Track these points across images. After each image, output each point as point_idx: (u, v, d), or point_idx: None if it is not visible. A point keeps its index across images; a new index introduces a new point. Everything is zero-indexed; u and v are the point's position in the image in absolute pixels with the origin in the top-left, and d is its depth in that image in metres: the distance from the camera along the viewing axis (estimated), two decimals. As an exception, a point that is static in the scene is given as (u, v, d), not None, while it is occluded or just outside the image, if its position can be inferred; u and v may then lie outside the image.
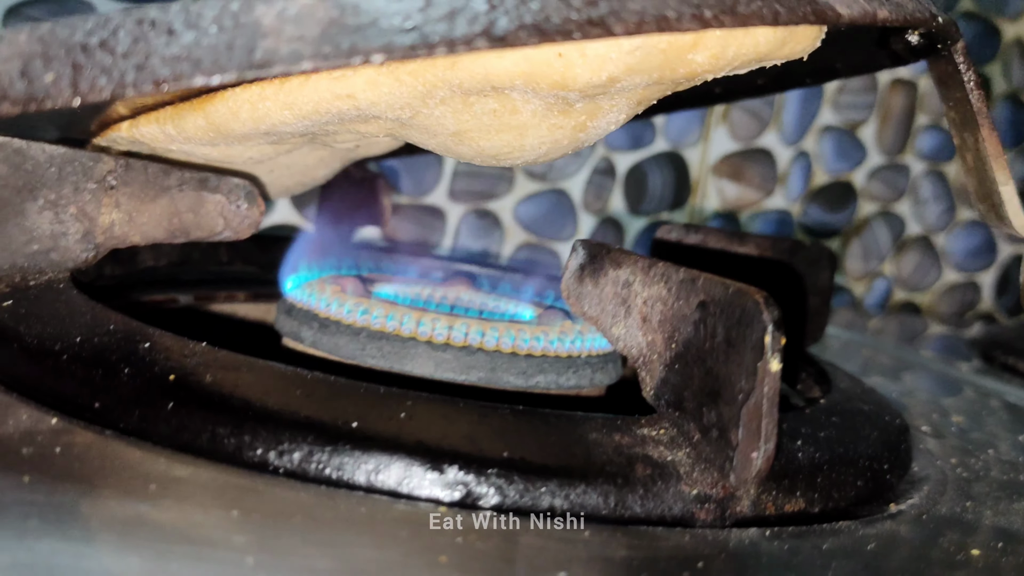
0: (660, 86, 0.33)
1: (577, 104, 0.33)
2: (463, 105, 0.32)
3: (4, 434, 0.26)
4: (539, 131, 0.34)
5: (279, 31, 0.26)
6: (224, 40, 0.26)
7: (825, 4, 0.30)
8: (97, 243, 0.36)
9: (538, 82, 0.30)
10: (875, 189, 0.87)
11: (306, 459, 0.27)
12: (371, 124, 0.34)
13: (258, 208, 0.37)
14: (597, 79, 0.30)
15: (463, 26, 0.26)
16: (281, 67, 0.26)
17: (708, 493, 0.28)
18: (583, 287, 0.34)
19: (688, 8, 0.27)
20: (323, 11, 0.26)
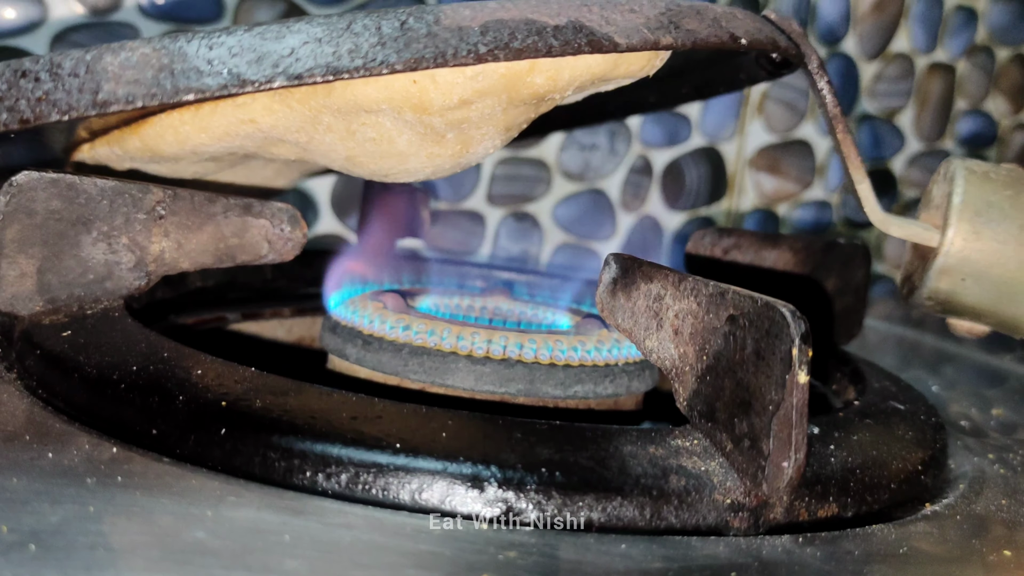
0: (518, 109, 0.36)
1: (448, 135, 0.36)
2: (347, 134, 0.36)
3: (69, 464, 0.27)
4: (419, 158, 0.38)
5: (120, 76, 0.32)
6: (76, 84, 0.32)
7: (602, 35, 0.33)
8: (149, 271, 0.38)
9: (400, 105, 0.35)
10: (915, 176, 0.86)
11: (353, 480, 0.28)
12: (280, 147, 0.39)
13: (301, 231, 0.39)
14: (450, 101, 0.34)
15: (267, 69, 0.32)
16: (118, 106, 0.32)
17: (741, 502, 0.29)
18: (616, 300, 0.35)
19: (465, 45, 0.32)
20: (156, 59, 0.32)
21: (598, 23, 0.33)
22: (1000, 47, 0.86)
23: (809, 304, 0.48)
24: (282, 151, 0.39)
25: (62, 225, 0.36)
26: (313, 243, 0.66)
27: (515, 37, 0.32)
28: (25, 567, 0.21)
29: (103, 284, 0.37)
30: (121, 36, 0.63)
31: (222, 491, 0.27)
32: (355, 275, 0.44)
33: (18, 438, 0.29)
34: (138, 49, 0.32)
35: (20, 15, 0.61)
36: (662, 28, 0.34)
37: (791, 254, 0.48)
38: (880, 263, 0.87)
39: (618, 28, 0.33)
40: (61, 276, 0.36)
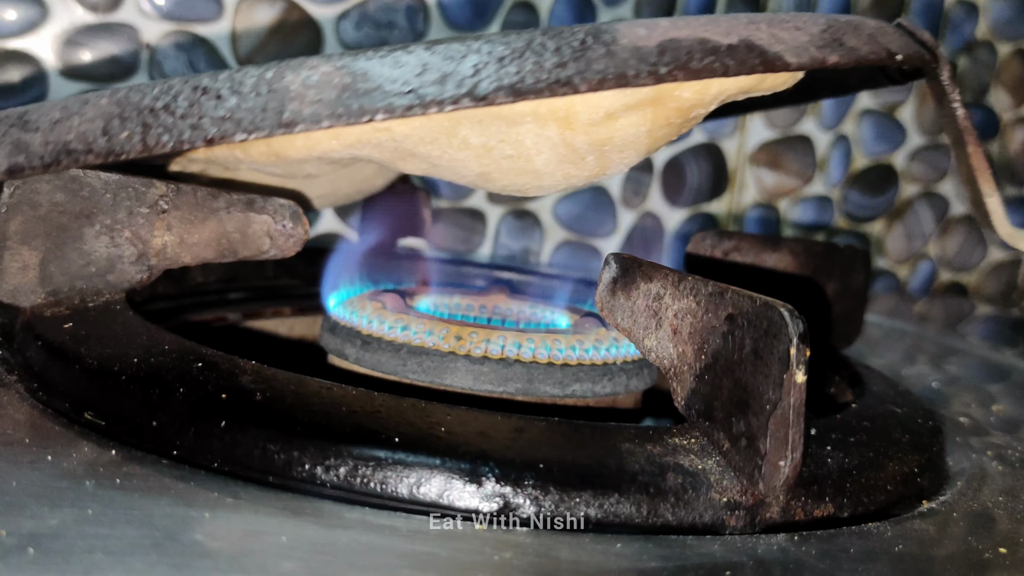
0: (662, 131, 0.36)
1: (588, 157, 0.36)
2: (483, 151, 0.35)
3: (68, 467, 0.27)
4: (554, 177, 0.37)
5: (303, 96, 0.31)
6: (260, 103, 0.31)
7: (774, 55, 0.32)
8: (151, 264, 0.38)
9: (544, 117, 0.34)
10: (916, 170, 0.86)
11: (351, 474, 0.28)
12: (409, 162, 0.37)
13: (303, 227, 0.39)
14: (596, 115, 0.34)
15: (451, 89, 0.31)
16: (304, 126, 0.31)
17: (738, 500, 0.29)
18: (616, 300, 0.35)
19: (646, 66, 0.31)
20: (338, 78, 0.31)
21: (768, 42, 0.33)
22: (1001, 42, 0.86)
23: (808, 306, 0.48)
24: (410, 165, 0.38)
25: (65, 218, 0.36)
26: (315, 241, 0.66)
27: (692, 57, 0.32)
28: (24, 571, 0.22)
29: (105, 277, 0.37)
30: (121, 35, 0.63)
31: (220, 492, 0.27)
32: (355, 274, 0.44)
33: (17, 441, 0.29)
34: (318, 68, 0.31)
35: (21, 16, 0.61)
36: (827, 46, 0.34)
37: (791, 257, 0.48)
38: (883, 259, 0.87)
39: (787, 47, 0.33)
40: (63, 268, 0.36)
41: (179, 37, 0.64)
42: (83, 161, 0.32)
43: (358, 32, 0.68)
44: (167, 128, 0.32)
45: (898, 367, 0.57)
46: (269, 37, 0.66)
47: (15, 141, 0.33)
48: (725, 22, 0.33)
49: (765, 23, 0.33)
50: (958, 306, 0.85)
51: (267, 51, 0.66)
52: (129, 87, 0.33)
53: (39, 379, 0.34)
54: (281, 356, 0.52)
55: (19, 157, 0.33)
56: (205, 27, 0.65)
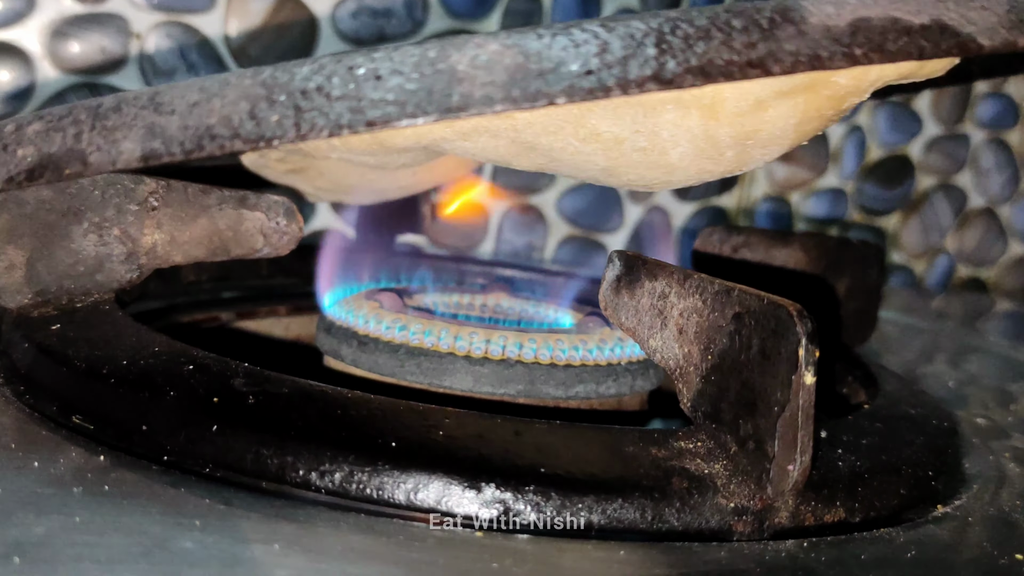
0: (811, 124, 0.34)
1: (728, 153, 0.34)
2: (614, 143, 0.34)
3: (55, 473, 0.27)
4: (687, 172, 0.35)
5: (472, 77, 0.29)
6: (425, 85, 0.29)
7: (967, 37, 0.31)
8: (140, 263, 0.38)
9: (687, 106, 0.32)
10: (933, 161, 0.86)
11: (347, 479, 0.28)
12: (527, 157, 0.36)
13: (297, 224, 0.39)
14: (744, 103, 0.33)
15: (635, 70, 0.28)
16: (476, 109, 0.29)
17: (745, 505, 0.29)
18: (620, 298, 0.35)
19: (839, 48, 0.29)
20: (510, 58, 0.29)
21: (959, 22, 0.31)
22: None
23: (820, 304, 0.48)
24: (524, 161, 0.36)
25: (53, 215, 0.36)
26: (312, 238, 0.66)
27: (887, 38, 0.30)
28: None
29: (94, 276, 0.37)
30: (111, 26, 0.63)
31: (211, 499, 0.27)
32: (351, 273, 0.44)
33: (3, 447, 0.29)
34: (486, 46, 0.29)
35: (6, 7, 0.61)
36: (1015, 28, 0.32)
37: (802, 253, 0.48)
38: (898, 253, 0.87)
39: (978, 28, 0.32)
40: (51, 268, 0.36)
41: (170, 28, 0.64)
42: (228, 148, 0.30)
43: (355, 21, 0.68)
44: (322, 112, 0.29)
45: (914, 366, 0.57)
46: (263, 27, 0.66)
47: (149, 125, 0.31)
48: (915, 1, 0.31)
49: (953, 1, 0.32)
50: (977, 302, 0.85)
51: (261, 41, 0.66)
52: (274, 67, 0.30)
53: (26, 382, 0.34)
54: (276, 357, 0.53)
55: (155, 143, 0.30)
56: (197, 17, 0.65)
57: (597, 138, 0.34)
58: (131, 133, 0.31)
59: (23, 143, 0.32)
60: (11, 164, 0.32)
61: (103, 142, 0.31)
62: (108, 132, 0.31)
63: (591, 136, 0.34)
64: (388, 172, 0.44)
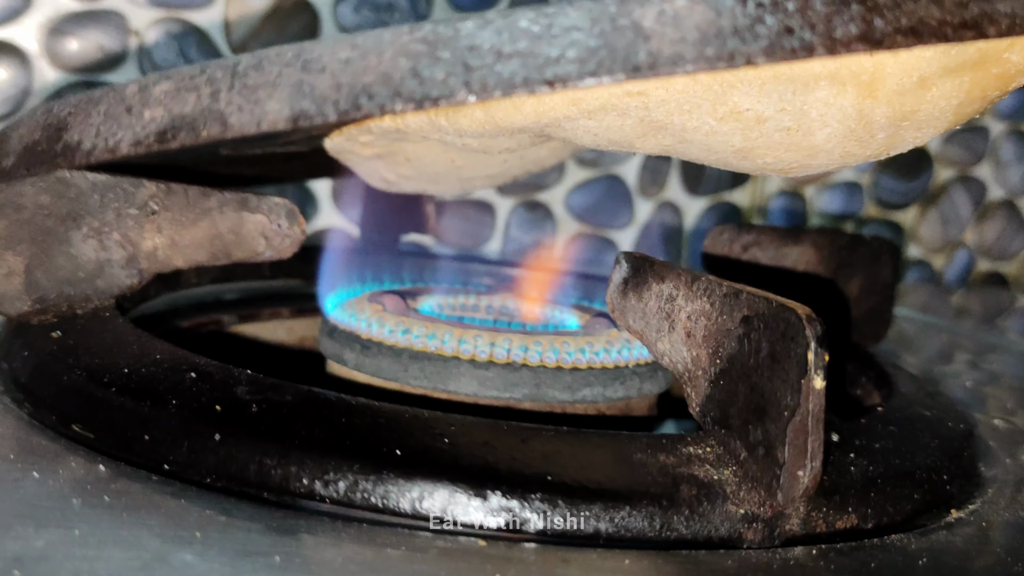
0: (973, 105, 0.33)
1: (879, 135, 0.33)
2: (755, 122, 0.32)
3: (55, 485, 0.28)
4: (831, 156, 0.34)
5: (660, 34, 0.27)
6: (606, 42, 0.27)
7: None
8: (141, 268, 0.38)
9: (843, 81, 0.31)
10: (952, 153, 0.86)
11: (351, 488, 0.28)
12: (653, 138, 0.34)
13: (299, 226, 0.39)
14: (907, 80, 0.31)
15: (840, 28, 0.27)
16: (665, 69, 0.27)
17: (756, 512, 0.30)
18: (627, 301, 0.35)
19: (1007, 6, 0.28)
20: (700, 13, 0.27)
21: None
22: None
23: (832, 303, 0.48)
24: (651, 143, 0.34)
25: (51, 221, 0.37)
26: (315, 239, 0.67)
27: None
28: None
29: (94, 282, 0.38)
30: (109, 23, 0.63)
31: (212, 509, 0.27)
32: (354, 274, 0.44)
33: (2, 458, 0.29)
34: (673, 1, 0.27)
35: (2, 4, 0.61)
36: None
37: (814, 251, 0.48)
38: (916, 247, 0.87)
39: None
40: (50, 274, 0.37)
41: (169, 24, 0.65)
42: (388, 108, 0.28)
43: (357, 15, 0.68)
44: (493, 70, 0.27)
45: (932, 365, 0.57)
46: (264, 23, 0.66)
47: (296, 83, 0.29)
48: None
49: None
50: (997, 298, 0.84)
51: (262, 37, 0.66)
52: (433, 23, 0.28)
53: (25, 391, 0.34)
54: (280, 359, 0.53)
55: (304, 102, 0.29)
56: (196, 13, 0.65)
57: (738, 117, 0.32)
58: (276, 92, 0.29)
59: (150, 104, 0.31)
60: (137, 127, 0.31)
61: (244, 102, 0.30)
62: (249, 91, 0.30)
63: (731, 114, 0.32)
64: (479, 159, 0.42)
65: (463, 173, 0.44)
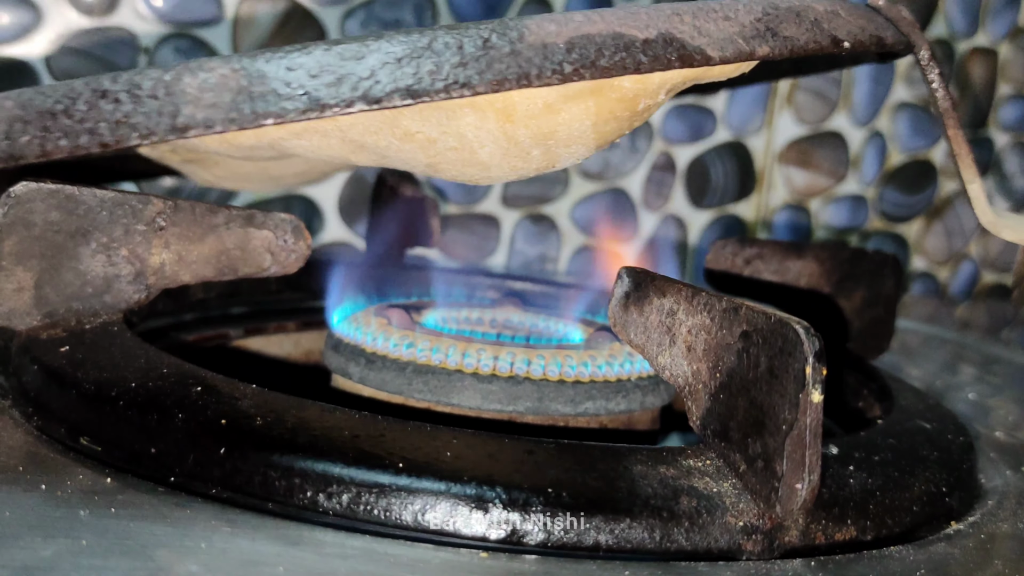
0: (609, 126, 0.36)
1: (533, 151, 0.36)
2: (427, 142, 0.36)
3: (63, 496, 0.28)
4: (502, 168, 0.38)
5: (199, 99, 0.32)
6: (156, 107, 0.32)
7: (694, 49, 0.33)
8: (148, 284, 0.39)
9: (483, 109, 0.35)
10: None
11: (355, 501, 0.29)
12: (361, 154, 0.38)
13: (304, 242, 0.40)
14: (534, 106, 0.35)
15: (346, 91, 0.32)
16: (197, 131, 0.32)
17: (755, 524, 0.30)
18: (628, 315, 0.35)
19: (550, 65, 0.32)
20: (235, 81, 0.32)
21: (690, 35, 0.33)
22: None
23: (834, 316, 0.48)
24: (361, 157, 0.39)
25: (60, 237, 0.37)
26: (320, 252, 0.67)
27: (602, 54, 0.32)
28: (17, 603, 0.23)
29: (102, 297, 0.38)
30: (118, 41, 0.64)
31: (217, 521, 0.28)
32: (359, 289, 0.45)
33: (11, 469, 0.30)
34: (216, 70, 0.32)
35: (13, 21, 0.62)
36: (758, 37, 0.34)
37: (816, 264, 0.49)
38: (921, 259, 0.87)
39: (711, 39, 0.33)
40: (59, 289, 0.37)
41: (178, 41, 0.65)
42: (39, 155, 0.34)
43: (364, 31, 0.69)
44: (65, 132, 0.33)
45: (936, 378, 0.57)
46: (271, 39, 0.67)
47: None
48: (647, 14, 0.33)
49: (691, 14, 0.33)
50: (1002, 310, 0.85)
51: (270, 53, 0.67)
52: (36, 89, 0.34)
53: (34, 404, 0.35)
54: (286, 372, 0.54)
55: None
56: (204, 30, 0.66)
57: (412, 138, 0.36)
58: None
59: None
60: None
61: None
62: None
63: (407, 136, 0.36)
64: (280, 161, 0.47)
65: (271, 172, 0.49)
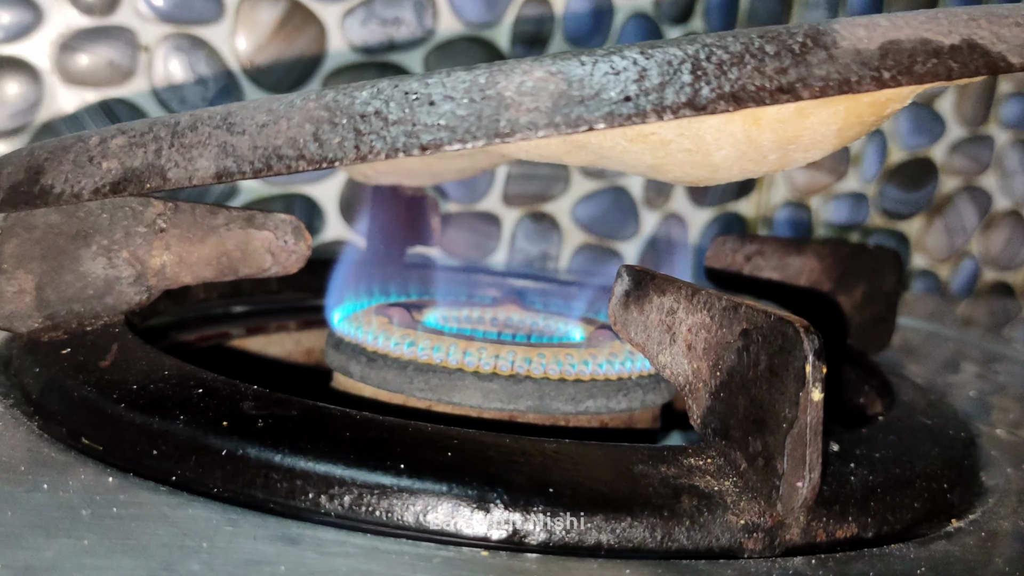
0: (853, 129, 0.36)
1: (770, 156, 0.36)
2: (660, 144, 0.36)
3: (64, 496, 0.28)
4: (731, 171, 0.37)
5: (519, 103, 0.31)
6: (475, 110, 0.31)
7: (997, 55, 0.32)
8: (149, 285, 0.39)
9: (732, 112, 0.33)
10: (957, 163, 0.86)
11: (356, 502, 0.29)
12: (578, 154, 0.38)
13: (305, 242, 0.40)
14: (786, 110, 0.34)
15: (671, 96, 0.31)
16: (521, 135, 0.31)
17: (756, 522, 0.30)
18: (629, 314, 0.35)
19: (868, 71, 0.31)
20: (554, 85, 0.31)
21: (990, 40, 0.33)
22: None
23: (835, 312, 0.49)
24: (576, 157, 0.38)
25: (61, 239, 0.37)
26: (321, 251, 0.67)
27: (915, 60, 0.31)
28: (19, 603, 0.23)
29: (103, 299, 0.38)
30: (119, 39, 0.64)
31: (218, 520, 0.28)
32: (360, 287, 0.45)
33: (13, 469, 0.30)
34: (532, 72, 0.31)
35: (13, 20, 0.62)
36: None
37: (817, 260, 0.49)
38: (922, 257, 0.87)
39: (1009, 46, 0.33)
40: (60, 292, 0.37)
41: (179, 40, 0.65)
42: (294, 167, 0.32)
43: (364, 29, 0.69)
44: (379, 135, 0.31)
45: (938, 375, 0.57)
46: (272, 37, 0.67)
47: (221, 144, 0.33)
48: (946, 19, 0.33)
49: (985, 19, 0.33)
50: (1004, 307, 0.85)
51: (270, 52, 0.67)
52: (336, 89, 0.33)
53: (36, 405, 0.35)
54: (287, 372, 0.54)
55: (227, 161, 0.33)
56: (205, 29, 0.66)
57: (644, 139, 0.35)
58: (205, 151, 0.33)
59: (108, 156, 0.34)
60: (96, 176, 0.34)
61: (180, 159, 0.33)
62: (185, 150, 0.33)
63: (639, 137, 0.35)
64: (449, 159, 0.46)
65: (434, 168, 0.48)
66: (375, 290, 0.46)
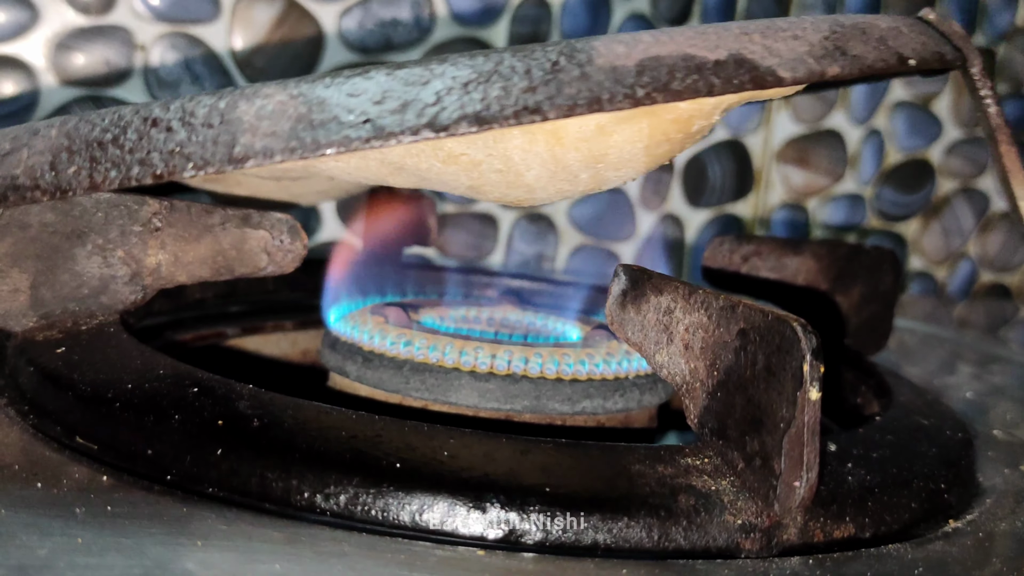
0: (661, 148, 0.36)
1: (582, 175, 0.36)
2: (471, 165, 0.35)
3: (59, 495, 0.28)
4: (547, 191, 0.37)
5: (256, 128, 0.31)
6: (210, 136, 0.31)
7: (766, 70, 0.32)
8: (145, 284, 0.39)
9: (532, 132, 0.34)
10: (954, 165, 0.86)
11: (352, 501, 0.29)
12: (399, 176, 0.37)
13: (301, 242, 0.40)
14: (586, 129, 0.34)
15: (411, 118, 0.30)
16: (255, 160, 0.31)
17: (753, 522, 0.30)
18: (626, 313, 0.35)
19: (621, 89, 0.30)
20: (293, 108, 0.31)
21: (760, 55, 0.32)
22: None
23: (832, 312, 0.48)
24: (398, 179, 0.38)
25: (56, 238, 0.37)
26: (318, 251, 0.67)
27: (674, 77, 0.31)
28: (12, 602, 0.23)
29: (98, 298, 0.38)
30: (115, 38, 0.64)
31: (213, 519, 0.28)
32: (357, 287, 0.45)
33: (7, 468, 0.30)
34: (273, 96, 0.31)
35: (9, 19, 0.62)
36: (827, 56, 0.33)
37: (814, 261, 0.49)
38: (919, 258, 0.87)
39: (782, 60, 0.32)
40: (55, 291, 0.37)
41: (175, 39, 0.65)
42: (30, 198, 0.33)
43: (361, 30, 0.69)
44: (115, 163, 0.32)
45: (934, 376, 0.57)
46: (268, 37, 0.67)
47: None
48: (715, 34, 0.32)
49: (760, 33, 0.32)
50: (1000, 309, 0.85)
51: (267, 51, 0.67)
52: (80, 116, 0.33)
53: (31, 405, 0.35)
54: (283, 371, 0.54)
55: None
56: (201, 28, 0.66)
57: (456, 160, 0.35)
58: None
59: None
60: None
61: None
62: None
63: (450, 158, 0.35)
64: (302, 181, 0.46)
65: (293, 191, 0.49)
66: (371, 290, 0.46)
